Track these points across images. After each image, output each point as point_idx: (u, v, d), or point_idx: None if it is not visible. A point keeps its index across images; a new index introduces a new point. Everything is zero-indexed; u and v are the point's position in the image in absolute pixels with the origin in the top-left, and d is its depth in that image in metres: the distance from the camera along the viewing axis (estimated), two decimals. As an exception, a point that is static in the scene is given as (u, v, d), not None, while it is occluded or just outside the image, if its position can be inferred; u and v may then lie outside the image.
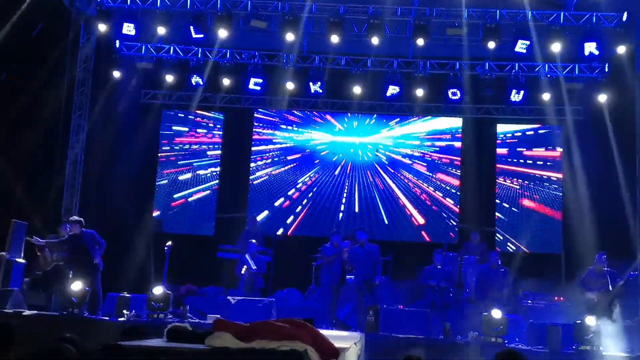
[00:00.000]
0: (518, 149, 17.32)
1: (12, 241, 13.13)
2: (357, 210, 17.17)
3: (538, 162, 17.19)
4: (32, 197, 14.48)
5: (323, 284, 13.53)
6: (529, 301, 13.54)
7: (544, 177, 17.08)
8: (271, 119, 17.81)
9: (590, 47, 14.65)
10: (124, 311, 12.06)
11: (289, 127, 17.79)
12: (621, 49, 14.83)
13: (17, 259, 13.15)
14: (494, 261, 13.71)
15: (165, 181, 17.51)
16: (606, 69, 15.63)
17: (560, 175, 16.89)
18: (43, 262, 12.96)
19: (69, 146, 16.00)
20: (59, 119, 15.64)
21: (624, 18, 14.75)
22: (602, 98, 15.60)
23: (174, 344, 5.15)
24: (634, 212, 15.25)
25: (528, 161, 17.21)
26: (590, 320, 11.60)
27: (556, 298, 13.69)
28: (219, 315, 11.04)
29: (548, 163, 17.14)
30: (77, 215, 15.51)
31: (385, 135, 17.55)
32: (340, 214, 17.15)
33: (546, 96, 15.92)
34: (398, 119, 17.55)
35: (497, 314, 11.80)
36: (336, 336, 7.64)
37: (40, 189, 15.05)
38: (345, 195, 17.32)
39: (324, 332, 6.52)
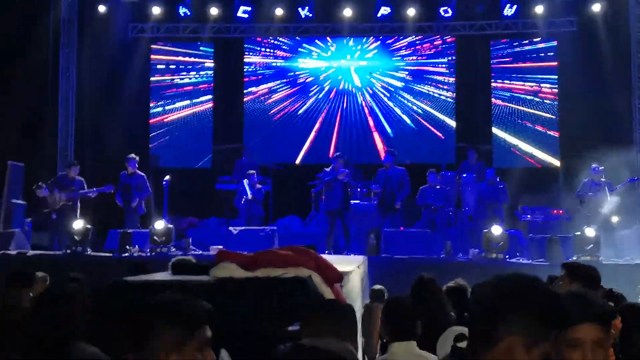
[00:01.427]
0: (513, 64, 17.15)
1: (10, 183, 13.16)
2: (353, 135, 17.10)
3: (533, 76, 17.04)
4: (26, 139, 14.43)
5: (322, 209, 13.60)
6: (528, 216, 13.63)
7: (540, 90, 16.97)
8: (262, 47, 17.59)
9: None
10: (127, 247, 12.15)
11: (281, 54, 17.58)
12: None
13: (17, 201, 13.19)
14: (491, 177, 13.77)
15: (159, 116, 17.39)
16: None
17: (556, 88, 16.79)
18: (52, 201, 12.95)
19: (59, 86, 15.83)
20: (47, 58, 15.44)
21: None
22: (596, 7, 15.41)
23: (180, 277, 5.20)
24: (630, 121, 15.22)
25: (524, 75, 17.06)
26: (589, 232, 11.73)
27: (555, 211, 13.78)
28: (221, 247, 11.15)
29: (543, 76, 17.00)
30: (73, 154, 15.53)
31: (378, 57, 17.35)
32: (334, 139, 17.06)
33: (539, 9, 15.70)
34: (390, 40, 17.33)
35: (497, 230, 11.91)
36: (339, 260, 7.71)
37: (34, 131, 14.98)
38: (339, 121, 17.23)
39: (327, 257, 6.57)
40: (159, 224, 12.34)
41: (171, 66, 17.54)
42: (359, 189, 14.22)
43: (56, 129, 15.64)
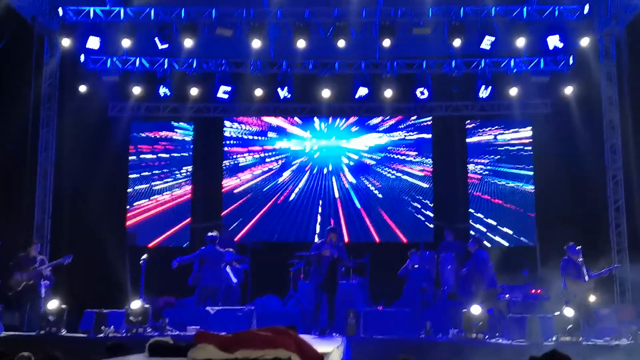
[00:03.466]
0: (488, 145, 17.41)
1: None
2: (332, 213, 17.15)
3: (509, 157, 17.29)
4: (2, 215, 14.30)
5: (302, 286, 13.55)
6: (507, 295, 13.59)
7: (516, 169, 17.20)
8: (242, 127, 17.74)
9: (554, 41, 14.75)
10: (103, 327, 11.94)
11: (260, 136, 17.74)
12: (584, 41, 14.96)
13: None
14: (472, 246, 13.67)
15: (137, 194, 17.36)
16: (571, 62, 15.80)
17: (531, 170, 17.04)
18: (14, 283, 12.80)
19: (38, 163, 15.80)
20: (27, 135, 15.44)
21: (586, 10, 14.88)
22: (569, 90, 15.78)
23: (157, 359, 5.11)
24: (604, 202, 15.40)
25: (500, 156, 17.32)
26: (568, 312, 11.70)
27: (533, 290, 13.77)
28: (199, 327, 10.99)
29: (519, 157, 17.26)
30: (50, 232, 15.39)
31: (357, 137, 17.56)
32: (318, 218, 17.09)
33: (513, 91, 16.04)
34: (367, 121, 17.59)
35: (476, 310, 11.86)
36: (317, 341, 7.63)
37: (11, 207, 14.85)
38: (319, 199, 17.29)
39: (306, 337, 6.50)
40: (135, 304, 12.17)
41: (150, 145, 17.60)
42: (349, 267, 14.09)
43: (33, 205, 15.52)
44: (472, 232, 16.63)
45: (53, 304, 12.14)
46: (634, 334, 11.56)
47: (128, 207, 17.22)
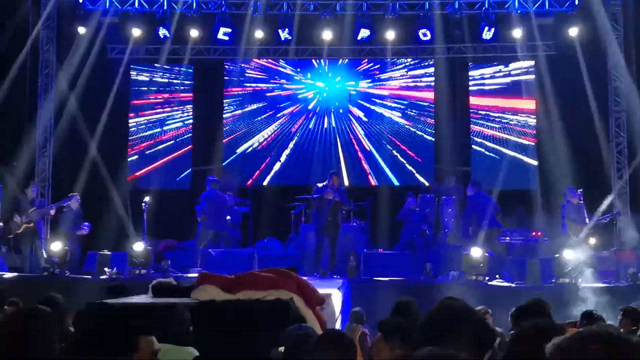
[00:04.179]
0: (491, 87, 17.28)
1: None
2: (333, 156, 17.10)
3: (512, 100, 17.18)
4: (3, 160, 14.30)
5: (303, 229, 13.65)
6: (507, 238, 13.66)
7: (518, 114, 17.11)
8: (242, 69, 17.58)
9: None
10: (105, 269, 12.04)
11: (260, 76, 17.61)
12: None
13: (-7, 223, 13.07)
14: (471, 189, 13.71)
15: (138, 137, 17.31)
16: (576, 2, 15.57)
17: (533, 106, 16.92)
18: (13, 225, 12.88)
19: (37, 106, 15.72)
20: (26, 79, 15.34)
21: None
22: (573, 32, 15.59)
23: (160, 299, 5.16)
24: (607, 144, 15.38)
25: (502, 99, 17.20)
26: (568, 254, 11.79)
27: (533, 233, 13.83)
28: (200, 269, 11.09)
29: (521, 101, 17.14)
30: (51, 175, 15.42)
31: (357, 80, 17.43)
32: (319, 161, 17.05)
33: (517, 32, 15.85)
34: (371, 64, 17.42)
35: (477, 252, 11.94)
36: (318, 283, 7.69)
37: (11, 152, 14.85)
38: (320, 142, 17.24)
39: (307, 279, 6.54)
40: (138, 246, 12.27)
41: (151, 87, 17.47)
42: (351, 210, 14.14)
43: (34, 149, 15.50)
44: (472, 177, 16.63)
45: (56, 246, 12.23)
46: (632, 277, 11.67)
47: (129, 149, 17.18)
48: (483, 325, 2.47)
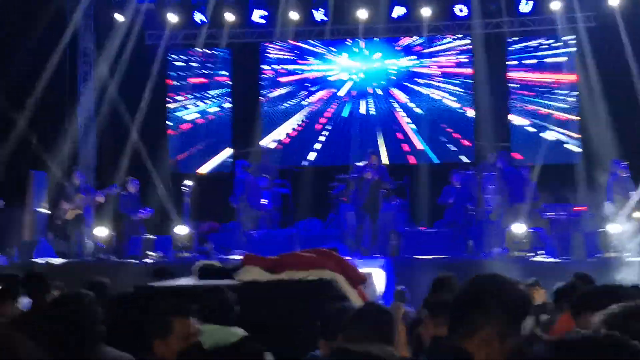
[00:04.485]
0: (530, 62, 17.05)
1: (33, 192, 13.29)
2: (371, 135, 17.04)
3: (551, 74, 16.93)
4: (47, 147, 14.54)
5: (343, 208, 13.69)
6: (551, 213, 13.51)
7: (559, 88, 16.87)
8: (278, 51, 17.61)
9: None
10: (150, 253, 12.21)
11: (297, 58, 17.60)
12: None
13: (41, 209, 13.31)
14: (501, 162, 13.57)
15: (177, 120, 17.46)
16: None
17: (574, 79, 16.67)
18: (61, 212, 13.10)
19: (77, 93, 15.93)
20: (65, 67, 15.55)
21: None
22: (614, 1, 15.29)
23: (205, 281, 5.23)
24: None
25: (542, 73, 16.96)
26: (613, 228, 11.63)
27: (577, 208, 13.66)
28: (243, 251, 11.18)
29: (562, 74, 16.89)
30: (96, 161, 15.64)
31: (394, 58, 17.32)
32: (358, 140, 17.01)
33: (556, 5, 15.60)
34: (407, 42, 17.28)
35: (519, 228, 11.84)
36: (360, 262, 7.72)
37: (54, 139, 15.09)
38: (357, 121, 17.21)
39: (348, 259, 6.57)
40: (181, 229, 12.40)
41: (188, 72, 17.60)
42: (391, 188, 14.11)
43: (76, 136, 15.74)
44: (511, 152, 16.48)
45: (101, 231, 12.43)
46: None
47: (169, 133, 17.35)
48: (513, 295, 2.40)
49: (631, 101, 15.14)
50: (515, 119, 16.91)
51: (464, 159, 16.53)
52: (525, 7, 15.70)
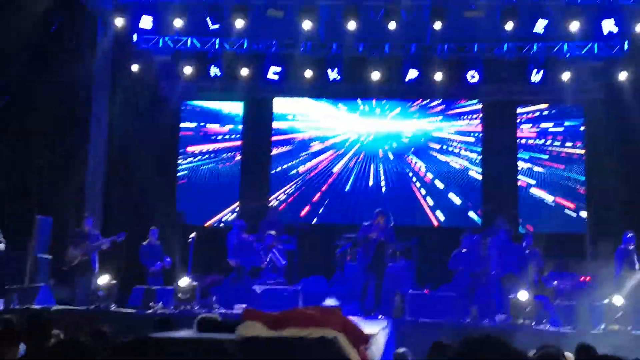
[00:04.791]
0: (539, 128, 17.16)
1: (37, 237, 13.27)
2: (380, 195, 17.06)
3: (559, 142, 17.03)
4: (54, 192, 14.58)
5: (349, 267, 13.62)
6: (555, 282, 13.43)
7: (567, 157, 16.94)
8: (291, 108, 17.78)
9: (608, 25, 14.49)
10: (151, 303, 12.14)
11: (309, 115, 17.76)
12: (640, 26, 14.63)
13: (43, 255, 13.29)
14: (529, 243, 13.57)
15: (187, 172, 17.56)
16: (625, 47, 15.44)
17: (582, 151, 16.75)
18: (68, 258, 13.09)
19: (89, 141, 16.05)
20: (79, 114, 15.70)
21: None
22: (623, 76, 15.44)
23: (205, 334, 5.18)
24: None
25: (550, 142, 17.06)
26: (617, 300, 11.53)
27: (582, 278, 13.59)
28: (246, 305, 11.10)
29: (570, 143, 16.98)
30: (102, 209, 15.67)
31: (404, 121, 17.46)
32: (366, 200, 17.03)
33: (566, 75, 15.77)
34: (417, 105, 17.46)
35: (524, 295, 11.76)
36: (363, 322, 7.65)
37: (63, 184, 15.14)
38: (367, 182, 17.26)
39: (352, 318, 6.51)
40: (184, 281, 12.34)
41: (201, 124, 17.77)
42: (397, 249, 14.08)
43: (84, 182, 15.80)
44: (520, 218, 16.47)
45: (103, 279, 12.38)
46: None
47: (178, 185, 17.42)
48: (505, 356, 2.44)
49: (639, 173, 15.19)
50: (523, 185, 16.94)
51: (473, 222, 16.50)
52: (535, 77, 15.86)
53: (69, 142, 15.35)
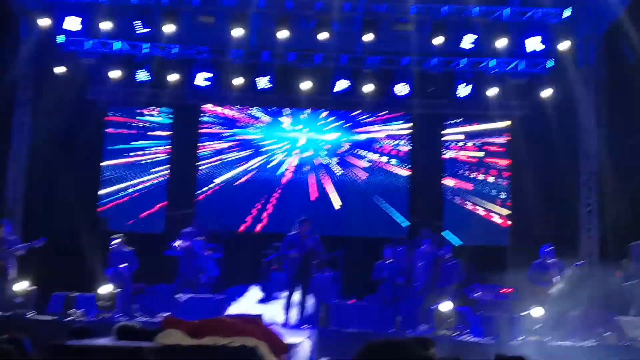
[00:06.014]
0: (465, 143, 17.48)
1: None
2: (307, 205, 17.08)
3: (484, 155, 17.39)
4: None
5: (274, 277, 13.57)
6: (478, 293, 13.66)
7: (492, 170, 17.31)
8: (219, 115, 17.66)
9: (533, 43, 14.88)
10: (71, 310, 11.86)
11: (237, 123, 17.67)
12: (564, 45, 15.04)
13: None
14: (447, 255, 13.78)
15: (112, 178, 17.22)
16: (549, 65, 15.86)
17: (506, 164, 17.16)
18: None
19: (11, 144, 15.62)
20: (1, 116, 15.28)
21: (566, 14, 14.98)
22: (546, 93, 15.85)
23: (124, 343, 5.09)
24: (577, 205, 15.53)
25: (476, 156, 17.41)
26: (536, 312, 11.80)
27: (504, 290, 13.86)
28: (169, 314, 10.95)
29: (495, 157, 17.36)
30: (22, 214, 15.25)
31: (333, 132, 17.56)
32: (293, 209, 17.02)
33: (492, 91, 16.11)
34: (346, 115, 17.58)
35: (447, 306, 11.92)
36: (287, 331, 7.64)
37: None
38: (293, 190, 17.27)
39: (276, 327, 6.49)
40: (105, 289, 12.11)
41: (127, 129, 17.47)
42: (323, 259, 14.08)
43: (5, 186, 15.37)
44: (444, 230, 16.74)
45: (21, 286, 12.04)
46: (600, 337, 11.69)
47: (101, 190, 17.08)
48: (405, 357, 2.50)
49: (561, 186, 15.61)
50: (448, 196, 17.23)
51: (398, 233, 16.65)
52: (462, 91, 16.14)
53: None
